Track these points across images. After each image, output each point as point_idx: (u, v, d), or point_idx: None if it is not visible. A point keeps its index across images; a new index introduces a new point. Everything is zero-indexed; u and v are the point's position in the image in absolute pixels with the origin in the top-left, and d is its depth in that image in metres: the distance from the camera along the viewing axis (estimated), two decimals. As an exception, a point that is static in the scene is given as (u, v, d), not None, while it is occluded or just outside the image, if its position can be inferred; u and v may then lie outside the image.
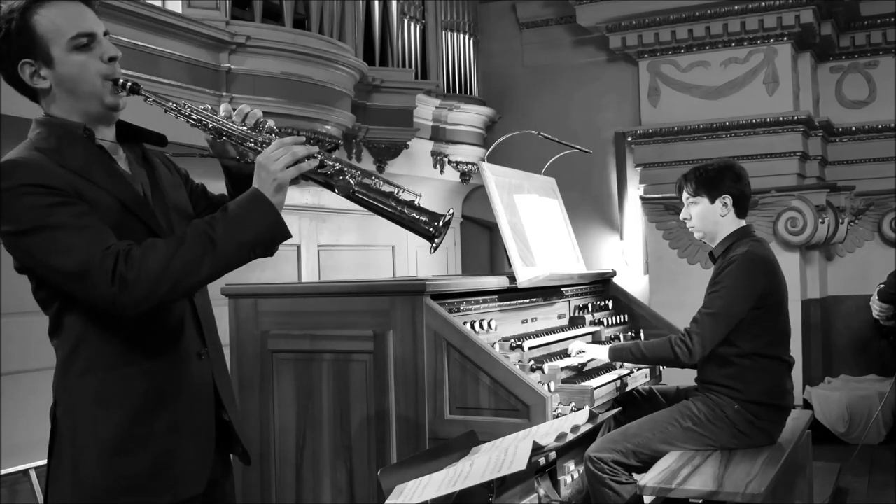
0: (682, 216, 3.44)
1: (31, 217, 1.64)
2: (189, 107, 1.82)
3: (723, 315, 3.15)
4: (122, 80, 1.77)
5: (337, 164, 1.79)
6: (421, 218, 1.76)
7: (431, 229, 1.76)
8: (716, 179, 3.30)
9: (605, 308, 4.05)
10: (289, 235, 1.76)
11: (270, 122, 1.88)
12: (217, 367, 1.92)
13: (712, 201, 3.31)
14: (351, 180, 1.76)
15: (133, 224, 1.75)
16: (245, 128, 1.84)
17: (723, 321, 3.15)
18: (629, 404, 3.53)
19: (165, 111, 1.82)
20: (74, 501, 1.73)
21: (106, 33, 1.80)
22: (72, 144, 1.74)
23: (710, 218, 3.33)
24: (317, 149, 1.76)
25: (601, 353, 3.36)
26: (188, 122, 1.83)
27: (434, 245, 1.80)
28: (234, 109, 1.91)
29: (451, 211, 1.83)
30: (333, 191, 1.77)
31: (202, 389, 1.86)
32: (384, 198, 1.76)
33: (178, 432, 1.79)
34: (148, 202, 1.81)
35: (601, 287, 4.19)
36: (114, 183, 1.75)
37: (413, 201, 1.77)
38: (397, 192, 1.78)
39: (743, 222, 3.35)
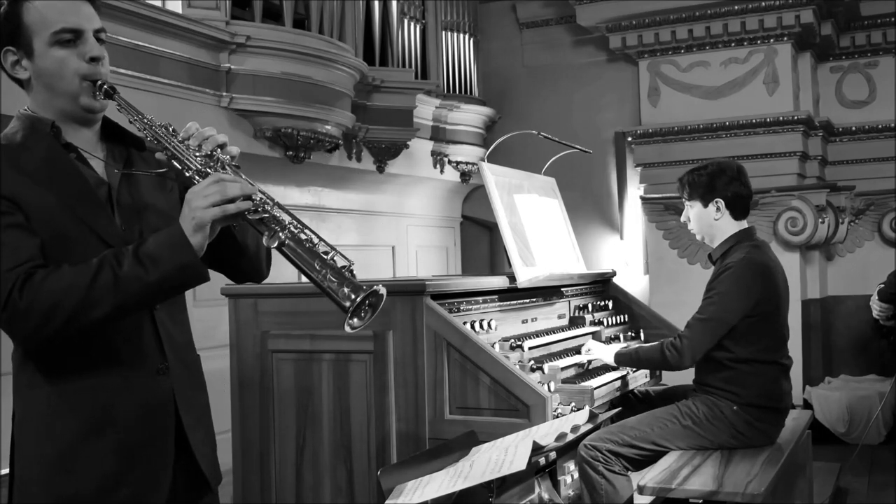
0: (682, 219, 3.48)
1: None
2: (149, 121, 1.70)
3: (714, 322, 3.15)
4: (99, 82, 1.70)
5: (275, 212, 1.61)
6: (342, 289, 1.53)
7: (347, 303, 1.52)
8: (707, 184, 3.32)
9: (605, 308, 4.05)
10: (205, 279, 1.61)
11: (233, 151, 1.70)
12: (180, 384, 1.78)
13: (705, 205, 3.33)
14: (282, 233, 1.58)
15: (82, 233, 1.65)
16: (199, 155, 1.66)
17: (714, 328, 3.16)
18: (624, 405, 3.53)
19: (130, 121, 1.72)
20: None
21: (101, 31, 1.74)
22: (36, 142, 1.68)
23: (705, 221, 3.35)
24: (256, 189, 1.60)
25: (608, 357, 3.40)
26: (147, 137, 1.72)
27: (349, 324, 1.54)
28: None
29: (382, 286, 1.57)
30: (263, 237, 1.60)
31: (159, 407, 1.74)
32: (311, 257, 1.56)
33: (128, 452, 1.68)
34: (103, 210, 1.71)
35: (601, 287, 4.19)
36: (68, 188, 1.66)
37: (343, 268, 1.56)
38: (329, 256, 1.58)
39: (744, 223, 3.34)
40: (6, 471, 3.86)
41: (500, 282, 3.19)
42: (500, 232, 3.28)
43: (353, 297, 1.53)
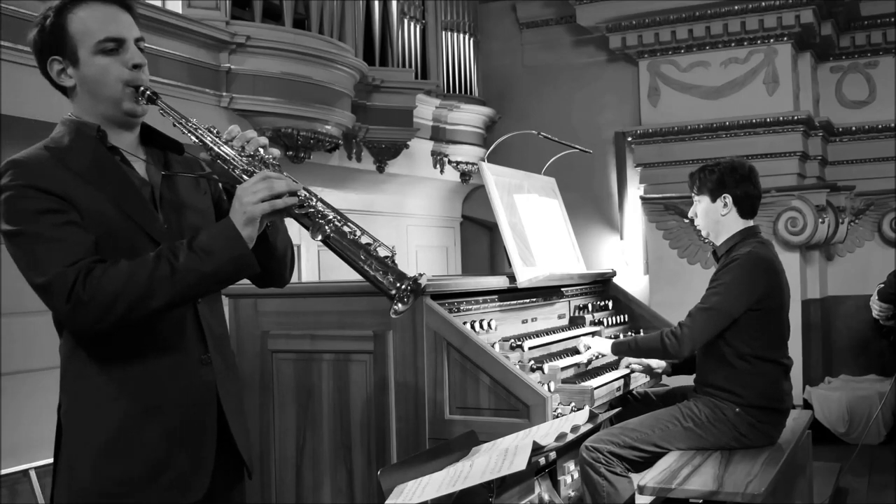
0: (689, 213, 3.49)
1: (17, 220, 1.66)
2: (194, 124, 1.79)
3: (717, 311, 3.15)
4: (142, 88, 1.78)
5: (320, 206, 1.73)
6: (387, 277, 1.67)
7: (393, 290, 1.67)
8: (717, 179, 3.32)
9: (605, 308, 4.06)
10: (255, 269, 1.72)
11: (275, 152, 1.81)
12: (222, 376, 1.88)
13: (713, 200, 3.34)
14: (327, 226, 1.70)
15: (131, 230, 1.75)
16: (243, 155, 1.77)
17: (716, 318, 3.16)
18: (624, 406, 3.53)
19: (174, 125, 1.81)
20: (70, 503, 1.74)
21: (141, 40, 1.83)
22: (83, 145, 1.76)
23: (711, 217, 3.36)
24: (300, 186, 1.71)
25: (605, 348, 3.43)
26: (191, 139, 1.80)
27: (394, 309, 1.70)
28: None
29: (424, 275, 1.72)
30: (308, 230, 1.71)
31: (203, 396, 1.83)
32: (355, 248, 1.69)
33: (174, 438, 1.77)
34: (148, 208, 1.80)
35: (601, 287, 4.19)
36: (116, 187, 1.75)
37: (386, 258, 1.69)
38: (372, 246, 1.70)
39: (750, 222, 3.35)
40: (6, 471, 3.85)
41: (500, 282, 3.19)
42: (500, 232, 3.28)
43: (398, 284, 1.68)
